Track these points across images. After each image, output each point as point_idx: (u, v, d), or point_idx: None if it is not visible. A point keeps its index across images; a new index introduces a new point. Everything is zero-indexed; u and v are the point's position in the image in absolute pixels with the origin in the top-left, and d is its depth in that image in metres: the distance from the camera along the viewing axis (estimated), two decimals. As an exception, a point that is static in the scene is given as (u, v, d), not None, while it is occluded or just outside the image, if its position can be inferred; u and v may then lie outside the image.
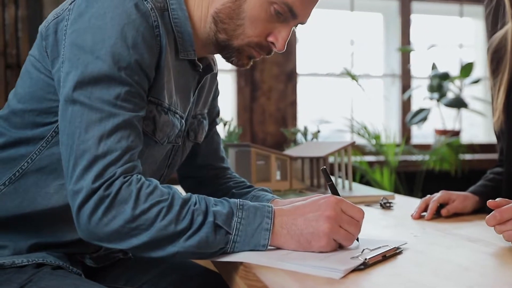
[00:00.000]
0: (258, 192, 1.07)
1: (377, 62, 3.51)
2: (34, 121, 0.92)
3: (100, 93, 0.82)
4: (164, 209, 0.78)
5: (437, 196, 1.21)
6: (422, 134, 3.44)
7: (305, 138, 2.18)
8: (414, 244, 0.90)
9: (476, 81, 3.17)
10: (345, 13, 3.39)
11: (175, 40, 0.94)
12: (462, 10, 3.55)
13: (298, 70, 3.19)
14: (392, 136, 3.02)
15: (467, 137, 3.43)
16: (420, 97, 3.31)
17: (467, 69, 3.13)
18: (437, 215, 1.20)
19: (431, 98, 3.16)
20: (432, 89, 3.14)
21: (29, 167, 0.92)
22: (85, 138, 0.80)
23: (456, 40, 3.59)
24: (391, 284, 0.69)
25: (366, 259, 0.75)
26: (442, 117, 3.22)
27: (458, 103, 3.09)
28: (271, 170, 1.58)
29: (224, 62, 1.01)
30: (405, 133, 3.39)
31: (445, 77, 3.11)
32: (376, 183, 2.90)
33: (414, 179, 3.06)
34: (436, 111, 3.19)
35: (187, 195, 0.83)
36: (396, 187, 2.99)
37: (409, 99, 3.38)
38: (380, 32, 3.51)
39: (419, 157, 3.08)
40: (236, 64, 0.99)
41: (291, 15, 0.94)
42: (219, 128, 1.26)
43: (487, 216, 0.88)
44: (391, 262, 0.79)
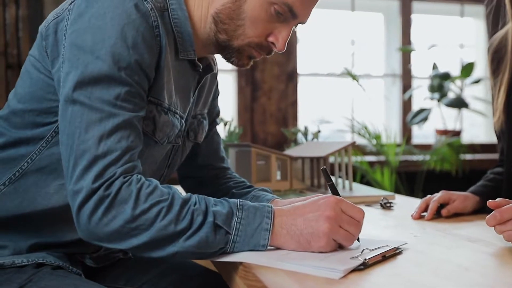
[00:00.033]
0: (258, 192, 1.07)
1: (378, 62, 3.51)
2: (34, 121, 0.92)
3: (100, 93, 0.82)
4: (164, 209, 0.79)
5: (438, 196, 1.21)
6: (423, 134, 3.44)
7: (306, 138, 2.18)
8: (414, 244, 0.90)
9: (477, 81, 3.16)
10: (345, 13, 3.39)
11: (175, 40, 0.94)
12: (463, 10, 3.54)
13: (299, 70, 3.19)
14: (393, 136, 3.02)
15: (468, 137, 3.43)
16: (421, 97, 3.31)
17: (468, 69, 3.13)
18: (437, 215, 1.20)
19: (432, 98, 3.16)
20: (433, 89, 3.14)
21: (29, 167, 0.92)
22: (85, 138, 0.80)
23: (457, 40, 3.59)
24: (391, 284, 0.69)
25: (365, 259, 0.75)
26: (443, 117, 3.21)
27: (459, 103, 3.09)
28: (272, 170, 1.58)
29: (225, 62, 1.01)
30: (405, 133, 3.39)
31: (446, 77, 3.10)
32: (376, 183, 2.89)
33: (414, 179, 3.06)
34: (436, 111, 3.19)
35: (187, 195, 0.83)
36: (396, 187, 2.99)
37: (409, 99, 3.37)
38: (381, 32, 3.51)
39: (419, 157, 3.08)
40: (236, 64, 0.99)
41: (291, 15, 0.94)
42: (219, 128, 1.26)
43: (487, 216, 0.88)
44: (391, 262, 0.79)
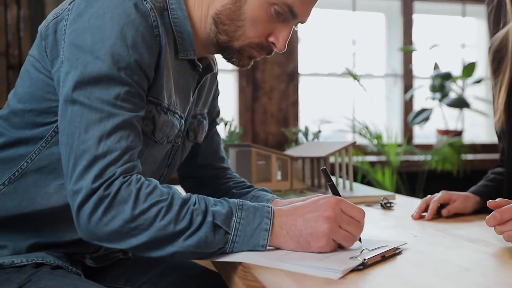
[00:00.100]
0: (258, 192, 1.07)
1: (379, 62, 3.51)
2: (33, 121, 0.92)
3: (99, 93, 0.82)
4: (164, 209, 0.78)
5: (438, 196, 1.20)
6: (424, 134, 3.44)
7: (306, 138, 2.18)
8: (414, 245, 0.90)
9: (478, 81, 3.16)
10: (347, 13, 3.39)
11: (175, 40, 0.94)
12: (464, 10, 3.54)
13: (300, 70, 3.19)
14: (394, 136, 3.01)
15: (469, 137, 3.43)
16: (422, 97, 3.31)
17: (469, 69, 3.13)
18: (438, 215, 1.19)
19: (433, 98, 3.15)
20: (434, 89, 3.14)
21: (29, 167, 0.92)
22: (85, 138, 0.80)
23: (458, 40, 3.58)
24: (390, 284, 0.69)
25: (365, 259, 0.75)
26: (444, 117, 3.21)
27: (460, 103, 3.08)
28: (272, 170, 1.58)
29: (225, 62, 1.01)
30: (407, 133, 3.39)
31: (447, 77, 3.10)
32: (377, 183, 2.89)
33: (416, 179, 3.05)
34: (438, 111, 3.18)
35: (187, 195, 0.83)
36: (397, 187, 2.98)
37: (411, 99, 3.37)
38: (382, 32, 3.51)
39: (421, 157, 3.08)
40: (237, 65, 0.99)
41: (291, 15, 0.94)
42: (219, 128, 1.26)
43: (487, 217, 0.88)
44: (390, 263, 0.79)
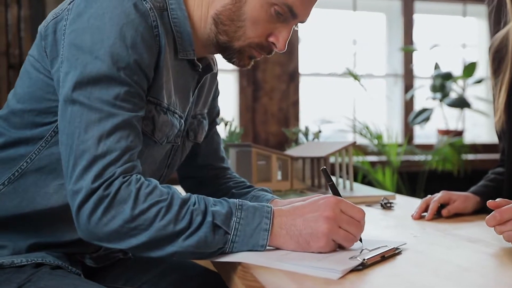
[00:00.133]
0: (258, 192, 1.07)
1: (380, 62, 3.51)
2: (33, 121, 0.92)
3: (99, 93, 0.82)
4: (163, 209, 0.78)
5: (438, 196, 1.20)
6: (425, 134, 3.43)
7: (306, 138, 2.18)
8: (414, 245, 0.90)
9: (479, 81, 3.16)
10: (347, 13, 3.39)
11: (174, 40, 0.94)
12: (465, 10, 3.53)
13: (300, 70, 3.19)
14: (395, 136, 3.01)
15: (470, 137, 3.42)
16: (423, 97, 3.31)
17: (470, 69, 3.13)
18: (438, 215, 1.19)
19: (434, 98, 3.15)
20: (435, 89, 3.13)
21: (28, 167, 0.92)
22: (85, 138, 0.80)
23: (459, 39, 3.58)
24: (390, 284, 0.69)
25: (364, 259, 0.75)
26: (445, 117, 3.21)
27: (461, 103, 3.08)
28: (272, 170, 1.58)
29: (226, 62, 1.01)
30: (407, 133, 3.39)
31: (448, 77, 3.10)
32: (378, 183, 2.89)
33: (416, 179, 3.05)
34: (438, 111, 3.18)
35: (187, 195, 0.83)
36: (398, 187, 2.98)
37: (411, 99, 3.37)
38: (383, 32, 3.51)
39: (421, 157, 3.08)
40: (237, 65, 0.99)
41: (291, 15, 0.94)
42: (220, 128, 1.26)
43: (487, 217, 0.88)
44: (390, 263, 0.79)
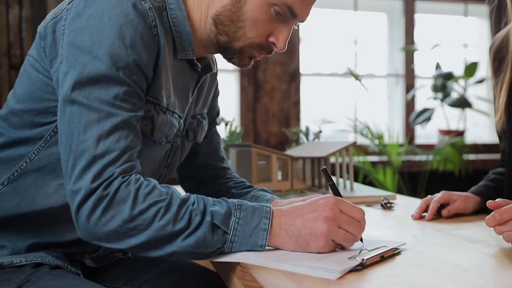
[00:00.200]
0: (257, 192, 1.07)
1: (381, 62, 3.51)
2: (32, 121, 0.92)
3: (98, 93, 0.82)
4: (162, 209, 0.78)
5: (438, 196, 1.20)
6: (426, 134, 3.43)
7: (307, 138, 2.18)
8: (414, 245, 0.90)
9: (480, 81, 3.15)
10: (348, 13, 3.39)
11: (173, 40, 0.94)
12: (466, 10, 3.53)
13: (302, 70, 3.19)
14: (396, 136, 3.01)
15: (471, 137, 3.42)
16: (424, 97, 3.31)
17: (471, 69, 3.12)
18: (438, 215, 1.19)
19: (435, 98, 3.15)
20: (436, 89, 3.13)
21: (28, 167, 0.92)
22: (84, 138, 0.80)
23: (460, 39, 3.58)
24: (389, 285, 0.69)
25: (363, 259, 0.75)
26: (446, 117, 3.20)
27: (462, 103, 3.08)
28: (272, 170, 1.57)
29: (226, 62, 1.01)
30: (408, 133, 3.38)
31: (449, 76, 3.10)
32: (379, 183, 2.89)
33: (417, 179, 3.05)
34: (440, 111, 3.18)
35: (186, 195, 0.83)
36: (399, 187, 2.98)
37: (412, 99, 3.37)
38: (384, 32, 3.51)
39: (422, 157, 3.07)
40: (237, 65, 0.99)
41: (291, 15, 0.94)
42: (220, 128, 1.26)
43: (487, 217, 0.87)
44: (390, 263, 0.79)
